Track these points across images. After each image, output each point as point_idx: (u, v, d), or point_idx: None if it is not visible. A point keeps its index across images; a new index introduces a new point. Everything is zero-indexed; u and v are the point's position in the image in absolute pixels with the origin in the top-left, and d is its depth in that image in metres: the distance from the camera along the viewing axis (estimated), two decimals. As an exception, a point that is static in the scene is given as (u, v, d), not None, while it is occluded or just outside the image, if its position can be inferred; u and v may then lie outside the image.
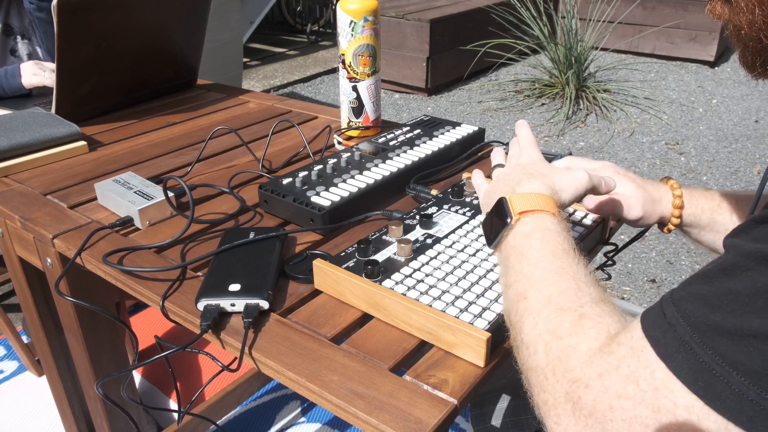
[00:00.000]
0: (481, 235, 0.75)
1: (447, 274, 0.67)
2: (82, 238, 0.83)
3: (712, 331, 0.41)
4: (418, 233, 0.76)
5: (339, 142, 1.14)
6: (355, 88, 1.11)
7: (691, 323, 0.42)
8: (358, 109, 1.13)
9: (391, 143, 1.04)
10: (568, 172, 0.66)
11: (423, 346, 0.63)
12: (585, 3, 4.30)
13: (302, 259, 0.76)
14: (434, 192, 0.90)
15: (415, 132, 1.09)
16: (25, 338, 1.74)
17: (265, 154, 1.12)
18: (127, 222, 0.86)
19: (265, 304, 0.67)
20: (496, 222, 0.62)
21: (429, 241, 0.74)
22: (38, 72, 1.44)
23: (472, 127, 1.11)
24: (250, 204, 0.93)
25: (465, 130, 1.10)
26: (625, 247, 0.94)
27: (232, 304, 0.67)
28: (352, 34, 1.07)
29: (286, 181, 0.89)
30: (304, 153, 1.12)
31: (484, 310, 0.62)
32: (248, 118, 1.31)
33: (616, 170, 0.79)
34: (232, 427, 1.51)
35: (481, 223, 0.67)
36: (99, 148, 1.16)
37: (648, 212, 0.78)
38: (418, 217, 0.80)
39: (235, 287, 0.68)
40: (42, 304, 1.11)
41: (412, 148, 1.02)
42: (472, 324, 0.60)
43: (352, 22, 1.06)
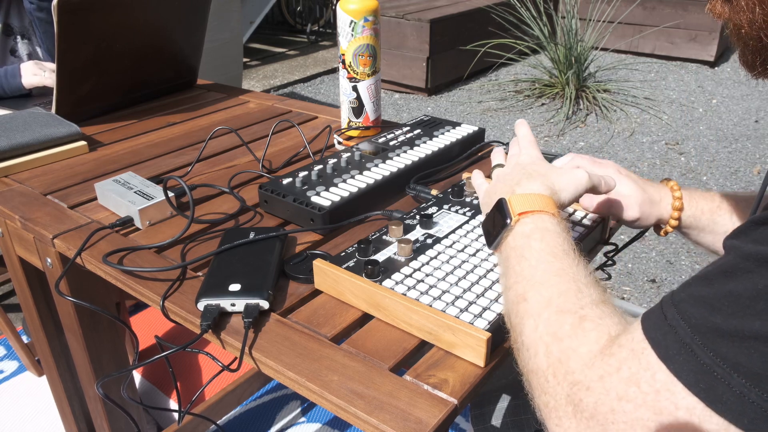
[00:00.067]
0: (481, 235, 0.75)
1: (447, 274, 0.67)
2: (82, 238, 0.83)
3: (713, 333, 0.41)
4: (418, 233, 0.76)
5: (339, 142, 1.14)
6: (355, 88, 1.11)
7: (692, 325, 0.42)
8: (358, 109, 1.13)
9: (391, 143, 1.04)
10: (568, 172, 0.66)
11: (423, 346, 0.63)
12: (585, 3, 4.30)
13: (302, 259, 0.76)
14: (434, 192, 0.90)
15: (415, 132, 1.09)
16: (25, 338, 1.74)
17: (265, 154, 1.12)
18: (127, 222, 0.86)
19: (265, 304, 0.67)
20: (496, 223, 0.62)
21: (429, 241, 0.74)
22: (38, 72, 1.44)
23: (472, 127, 1.11)
24: (250, 204, 0.93)
25: (465, 130, 1.10)
26: (625, 247, 0.94)
27: (233, 304, 0.67)
28: (352, 34, 1.07)
29: (286, 181, 0.89)
30: (304, 153, 1.12)
31: (485, 310, 0.62)
32: (248, 118, 1.31)
33: (618, 170, 0.79)
34: (232, 427, 1.51)
35: (481, 224, 0.67)
36: (99, 148, 1.16)
37: (645, 214, 0.77)
38: (418, 217, 0.80)
39: (235, 287, 0.68)
40: (42, 304, 1.11)
41: (412, 148, 1.02)
42: (473, 324, 0.60)
43: (352, 22, 1.06)
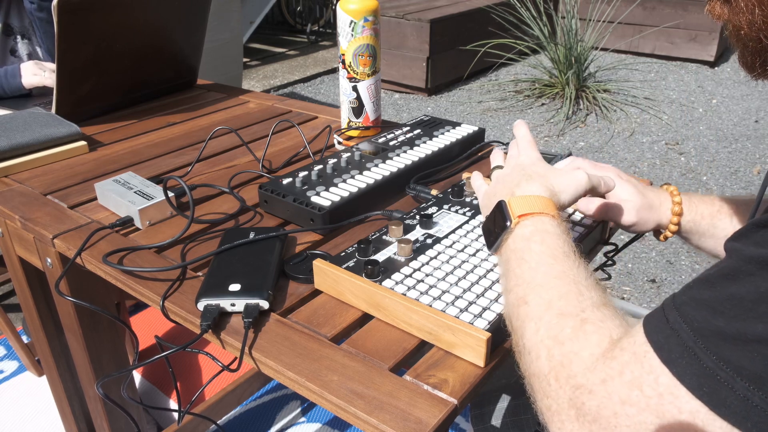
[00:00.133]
0: (480, 235, 0.75)
1: (447, 274, 0.68)
2: (82, 238, 0.83)
3: (716, 336, 0.41)
4: (418, 233, 0.76)
5: (339, 142, 1.14)
6: (355, 88, 1.11)
7: (695, 328, 0.42)
8: (358, 109, 1.13)
9: (391, 143, 1.04)
10: (567, 173, 0.66)
11: (423, 346, 0.63)
12: (585, 3, 4.30)
13: (302, 259, 0.76)
14: (434, 192, 0.90)
15: (415, 132, 1.09)
16: (25, 338, 1.74)
17: (265, 154, 1.12)
18: (127, 222, 0.86)
19: (265, 304, 0.67)
20: (496, 225, 0.62)
21: (429, 241, 0.74)
22: (38, 72, 1.44)
23: (472, 127, 1.11)
24: (250, 204, 0.93)
25: (465, 130, 1.10)
26: (625, 247, 0.94)
27: (232, 304, 0.67)
28: (352, 34, 1.07)
29: (286, 181, 0.89)
30: (304, 153, 1.12)
31: (484, 310, 0.62)
32: (248, 118, 1.31)
33: (618, 174, 0.78)
34: (232, 427, 1.51)
35: (481, 226, 0.67)
36: (99, 148, 1.16)
37: (643, 219, 0.77)
38: (418, 217, 0.80)
39: (235, 287, 0.68)
40: (42, 304, 1.11)
41: (412, 148, 1.02)
42: (472, 324, 0.60)
43: (352, 22, 1.06)
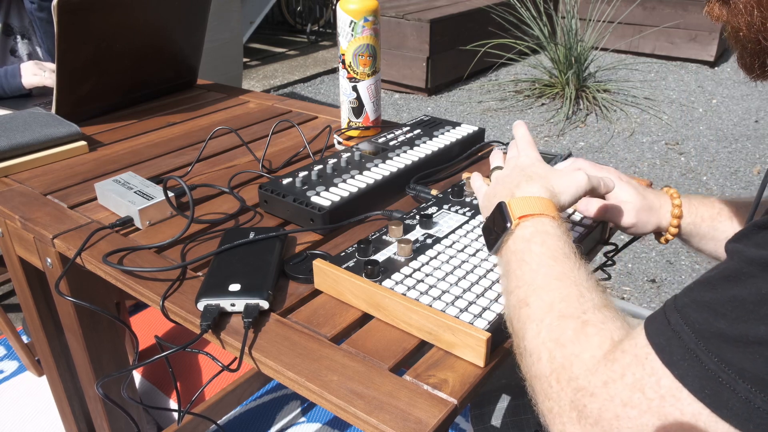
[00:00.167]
0: (481, 235, 0.75)
1: (447, 274, 0.68)
2: (82, 238, 0.83)
3: (718, 338, 0.40)
4: (418, 233, 0.76)
5: (339, 142, 1.14)
6: (355, 88, 1.11)
7: (696, 330, 0.42)
8: (358, 109, 1.13)
9: (391, 143, 1.04)
10: (567, 174, 0.66)
11: (423, 346, 0.63)
12: (585, 3, 4.30)
13: (302, 259, 0.76)
14: (434, 192, 0.90)
15: (415, 132, 1.09)
16: (25, 338, 1.74)
17: (265, 154, 1.12)
18: (127, 222, 0.86)
19: (265, 304, 0.67)
20: (496, 227, 0.61)
21: (429, 241, 0.74)
22: (38, 72, 1.44)
23: (472, 127, 1.11)
24: (250, 204, 0.93)
25: (465, 130, 1.10)
26: (625, 247, 0.94)
27: (232, 304, 0.67)
28: (352, 34, 1.07)
29: (286, 181, 0.89)
30: (304, 153, 1.12)
31: (484, 310, 0.62)
32: (248, 118, 1.31)
33: (619, 176, 0.78)
34: (232, 427, 1.51)
35: (481, 228, 0.66)
36: (99, 148, 1.16)
37: (643, 221, 0.77)
38: (418, 217, 0.80)
39: (235, 287, 0.68)
40: (42, 304, 1.11)
41: (412, 148, 1.02)
42: (472, 324, 0.60)
43: (352, 22, 1.06)
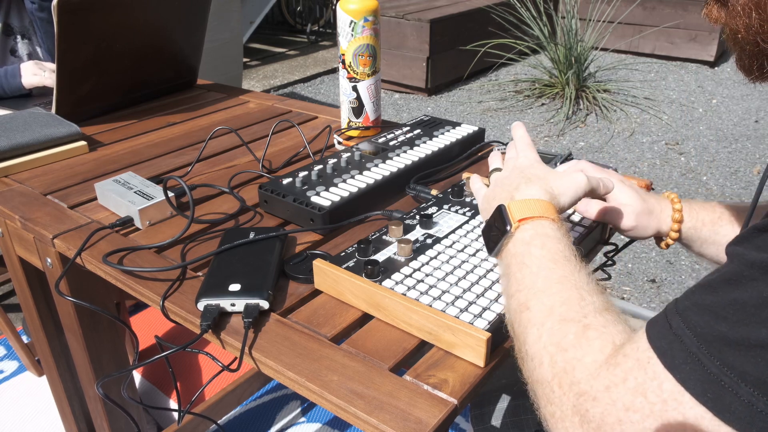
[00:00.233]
0: (481, 235, 0.75)
1: (447, 274, 0.68)
2: (82, 238, 0.83)
3: (719, 341, 0.40)
4: (418, 233, 0.76)
5: (339, 142, 1.14)
6: (355, 88, 1.11)
7: (698, 334, 0.42)
8: (358, 109, 1.13)
9: (391, 143, 1.04)
10: (566, 175, 0.66)
11: (423, 346, 0.63)
12: (585, 3, 4.30)
13: (302, 259, 0.76)
14: (434, 192, 0.90)
15: (415, 132, 1.09)
16: (25, 338, 1.74)
17: (265, 154, 1.12)
18: (127, 222, 0.86)
19: (265, 304, 0.67)
20: (496, 230, 0.61)
21: (429, 241, 0.74)
22: (38, 72, 1.44)
23: (472, 127, 1.11)
24: (250, 204, 0.93)
25: (465, 130, 1.10)
26: (625, 247, 0.94)
27: (232, 304, 0.67)
28: (352, 34, 1.07)
29: (286, 181, 0.89)
30: (304, 153, 1.12)
31: (484, 310, 0.62)
32: (248, 118, 1.31)
33: (620, 179, 0.78)
34: (232, 427, 1.51)
35: (481, 231, 0.66)
36: (99, 148, 1.16)
37: (643, 224, 0.76)
38: (418, 217, 0.80)
39: (235, 287, 0.68)
40: (42, 304, 1.11)
41: (412, 148, 1.02)
42: (472, 324, 0.60)
43: (352, 22, 1.06)
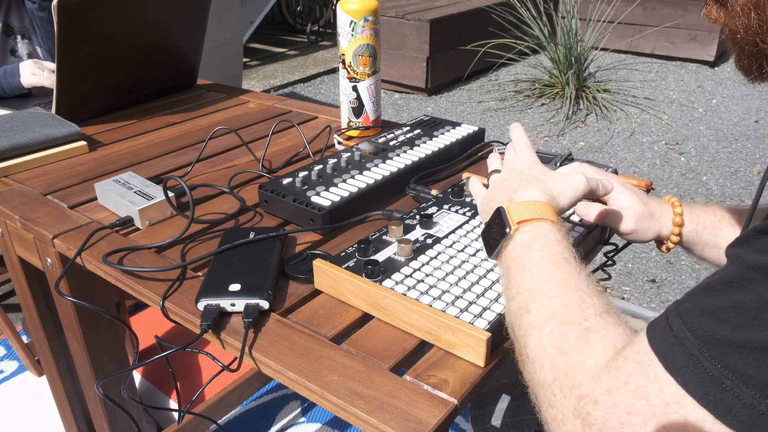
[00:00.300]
0: (481, 236, 0.75)
1: (447, 274, 0.68)
2: (82, 238, 0.83)
3: (721, 344, 0.40)
4: (418, 233, 0.76)
5: (339, 142, 1.14)
6: (355, 88, 1.11)
7: (699, 337, 0.42)
8: (358, 109, 1.13)
9: (391, 143, 1.04)
10: (565, 176, 0.66)
11: (423, 346, 0.63)
12: (585, 3, 4.30)
13: (302, 259, 0.76)
14: (434, 192, 0.90)
15: (415, 132, 1.09)
16: (25, 338, 1.74)
17: (265, 154, 1.12)
18: (127, 222, 0.86)
19: (265, 304, 0.67)
20: (495, 232, 0.61)
21: (429, 241, 0.74)
22: (37, 72, 1.44)
23: (472, 127, 1.11)
24: (250, 204, 0.93)
25: (465, 130, 1.10)
26: (625, 247, 0.94)
27: (232, 304, 0.67)
28: (352, 34, 1.07)
29: (286, 181, 0.89)
30: (304, 153, 1.12)
31: (485, 310, 0.62)
32: (248, 118, 1.31)
33: (623, 183, 0.77)
34: (232, 427, 1.51)
35: (481, 234, 0.66)
36: (99, 148, 1.16)
37: (643, 228, 0.76)
38: (418, 217, 0.80)
39: (235, 287, 0.68)
40: (42, 304, 1.11)
41: (412, 148, 1.02)
42: (473, 324, 0.60)
43: (352, 22, 1.06)
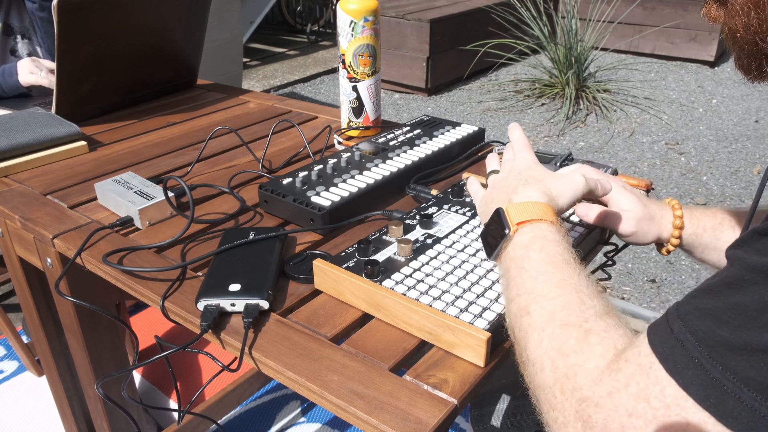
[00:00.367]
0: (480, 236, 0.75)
1: (447, 274, 0.68)
2: (82, 238, 0.83)
3: (721, 346, 0.40)
4: (418, 233, 0.76)
5: (339, 142, 1.14)
6: (355, 88, 1.11)
7: (700, 339, 0.42)
8: (358, 109, 1.13)
9: (391, 143, 1.04)
10: (564, 176, 0.66)
11: (423, 346, 0.63)
12: (585, 3, 4.30)
13: (302, 259, 0.76)
14: (434, 192, 0.90)
15: (415, 132, 1.09)
16: (25, 338, 1.74)
17: (265, 154, 1.12)
18: (127, 222, 0.86)
19: (265, 304, 0.67)
20: (495, 233, 0.61)
21: (429, 241, 0.74)
22: (35, 70, 1.44)
23: (472, 127, 1.11)
24: (250, 204, 0.93)
25: (465, 130, 1.10)
26: (625, 247, 0.94)
27: (232, 304, 0.67)
28: (352, 34, 1.07)
29: (286, 181, 0.89)
30: (304, 153, 1.12)
31: (485, 309, 0.62)
32: (248, 118, 1.31)
33: (623, 185, 0.77)
34: (232, 427, 1.51)
35: (480, 235, 0.66)
36: (99, 148, 1.16)
37: (643, 230, 0.76)
38: (418, 217, 0.80)
39: (235, 287, 0.68)
40: (42, 304, 1.11)
41: (412, 148, 1.02)
42: (473, 324, 0.60)
43: (352, 22, 1.06)
